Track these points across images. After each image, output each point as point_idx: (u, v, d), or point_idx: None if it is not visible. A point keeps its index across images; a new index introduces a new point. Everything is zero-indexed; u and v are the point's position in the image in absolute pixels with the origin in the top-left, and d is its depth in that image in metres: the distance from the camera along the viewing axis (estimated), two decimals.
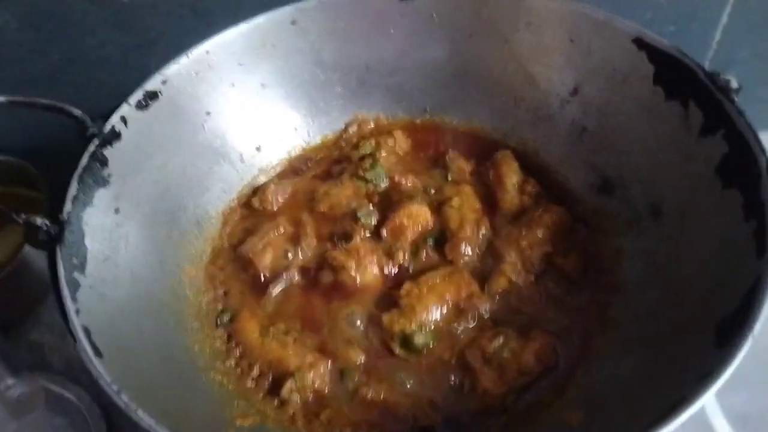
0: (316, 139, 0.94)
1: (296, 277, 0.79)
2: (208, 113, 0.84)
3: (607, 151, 0.82)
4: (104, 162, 0.71)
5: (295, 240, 0.82)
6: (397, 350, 0.72)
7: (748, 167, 0.62)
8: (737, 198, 0.63)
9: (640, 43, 0.76)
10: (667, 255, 0.71)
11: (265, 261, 0.80)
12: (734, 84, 0.68)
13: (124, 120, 0.74)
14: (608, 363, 0.67)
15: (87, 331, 0.56)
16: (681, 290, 0.66)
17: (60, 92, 1.04)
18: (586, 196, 0.83)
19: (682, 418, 0.48)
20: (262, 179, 0.90)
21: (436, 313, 0.74)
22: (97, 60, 1.00)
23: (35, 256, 0.96)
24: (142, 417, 0.50)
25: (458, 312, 0.74)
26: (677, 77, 0.73)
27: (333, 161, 0.92)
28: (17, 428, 0.88)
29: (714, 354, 0.53)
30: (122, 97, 0.75)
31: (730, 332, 0.53)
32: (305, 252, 0.81)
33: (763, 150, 0.62)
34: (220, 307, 0.77)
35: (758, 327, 0.51)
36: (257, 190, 0.88)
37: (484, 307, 0.74)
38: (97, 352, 0.54)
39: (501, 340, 0.70)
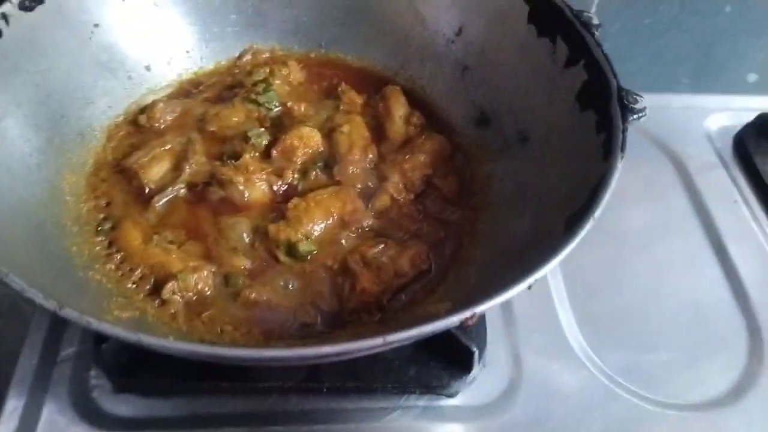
0: (209, 65, 0.94)
1: (183, 191, 0.79)
2: (96, 25, 0.82)
3: (486, 87, 0.89)
4: None
5: (183, 156, 0.81)
6: (282, 258, 0.74)
7: (603, 90, 0.70)
8: (592, 117, 0.71)
9: None
10: (533, 174, 0.78)
11: (151, 174, 0.79)
12: (595, 21, 0.76)
13: (5, 18, 0.71)
14: (476, 266, 0.73)
15: None
16: (542, 201, 0.73)
17: None
18: (465, 129, 0.90)
19: (527, 282, 0.53)
20: (150, 98, 0.88)
21: (321, 225, 0.77)
22: None
23: None
24: (13, 279, 0.49)
25: (343, 224, 0.78)
26: (548, 15, 0.80)
27: (225, 87, 0.92)
28: None
29: (562, 238, 0.59)
30: None
31: (576, 220, 0.60)
32: (193, 168, 0.81)
33: (615, 75, 0.70)
34: (101, 216, 0.76)
35: (599, 212, 0.58)
36: (145, 108, 0.86)
37: (367, 221, 0.78)
38: None
39: (381, 247, 0.75)
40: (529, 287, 0.53)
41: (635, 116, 0.67)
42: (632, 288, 0.88)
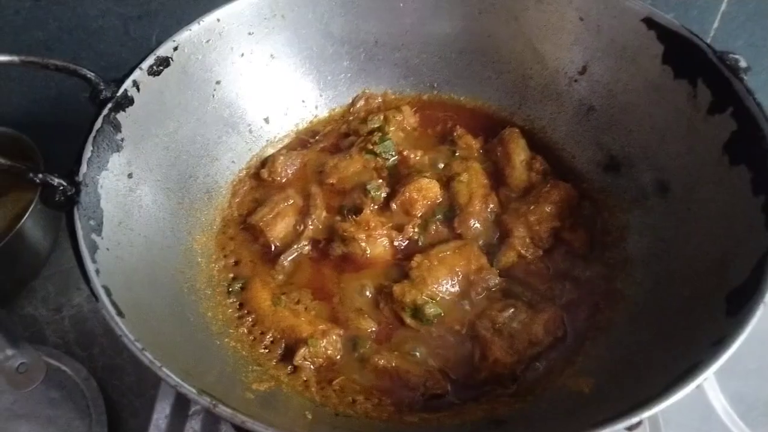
0: (324, 113, 0.94)
1: (307, 248, 0.79)
2: (218, 82, 0.84)
3: (615, 129, 0.83)
4: (117, 127, 0.70)
5: (305, 211, 0.82)
6: (408, 320, 0.73)
7: (757, 144, 0.64)
8: (745, 174, 0.65)
9: (649, 22, 0.77)
10: (674, 231, 0.72)
11: (276, 231, 0.80)
12: (743, 63, 0.70)
13: (136, 85, 0.73)
14: (617, 334, 0.68)
15: (108, 291, 0.56)
16: (689, 263, 0.67)
17: None
18: (592, 174, 0.85)
19: (697, 382, 0.49)
20: (270, 151, 0.90)
21: (446, 285, 0.74)
22: (96, 30, 0.99)
23: (29, 229, 0.95)
24: (167, 374, 0.50)
25: (468, 284, 0.75)
26: (686, 56, 0.74)
27: (341, 135, 0.92)
28: (15, 400, 0.88)
29: (726, 322, 0.54)
30: (121, 69, 0.74)
31: (741, 301, 0.55)
32: (315, 223, 0.81)
33: None
34: (231, 275, 0.77)
35: None
36: (266, 162, 0.87)
37: (494, 281, 0.75)
38: (119, 312, 0.54)
39: (511, 311, 0.71)
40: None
41: None
42: None
